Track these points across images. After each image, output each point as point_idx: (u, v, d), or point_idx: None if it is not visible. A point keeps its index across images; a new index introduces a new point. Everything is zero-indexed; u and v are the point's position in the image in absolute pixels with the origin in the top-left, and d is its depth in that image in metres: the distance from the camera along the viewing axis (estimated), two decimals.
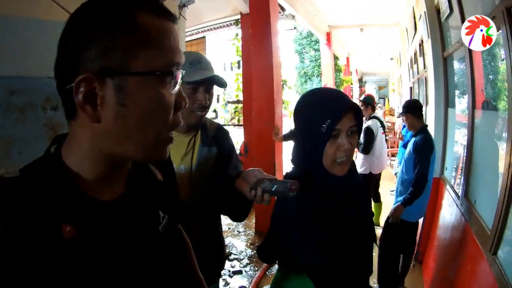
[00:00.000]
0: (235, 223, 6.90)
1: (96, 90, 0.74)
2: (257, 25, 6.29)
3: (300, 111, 1.64)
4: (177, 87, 0.82)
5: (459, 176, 3.76)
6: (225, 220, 6.84)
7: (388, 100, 24.02)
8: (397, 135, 6.94)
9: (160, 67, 0.77)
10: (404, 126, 6.86)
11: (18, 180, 0.77)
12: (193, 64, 1.86)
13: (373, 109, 6.37)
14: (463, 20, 3.55)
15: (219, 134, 2.11)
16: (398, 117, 7.94)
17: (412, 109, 4.17)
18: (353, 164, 1.71)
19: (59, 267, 0.70)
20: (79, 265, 0.73)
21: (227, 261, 5.34)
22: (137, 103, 0.76)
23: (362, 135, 5.80)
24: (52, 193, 0.75)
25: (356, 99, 16.82)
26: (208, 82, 1.89)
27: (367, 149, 5.87)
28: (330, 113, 1.48)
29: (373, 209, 2.27)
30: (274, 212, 1.71)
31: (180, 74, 0.82)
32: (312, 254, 1.49)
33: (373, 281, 4.14)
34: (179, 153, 1.94)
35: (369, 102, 6.30)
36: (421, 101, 7.60)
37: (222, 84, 1.96)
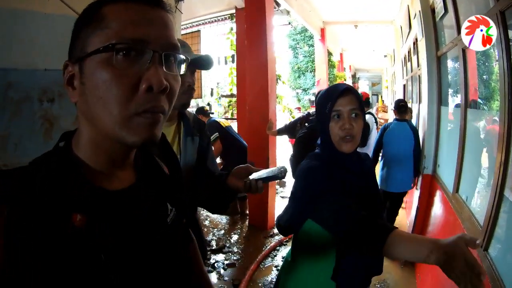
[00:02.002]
0: (229, 216, 6.99)
1: (74, 75, 0.85)
2: (252, 19, 6.27)
3: (317, 102, 1.94)
4: (140, 63, 0.81)
5: (452, 173, 3.81)
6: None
7: (381, 96, 24.04)
8: None
9: (105, 44, 0.79)
10: None
11: (27, 170, 0.82)
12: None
13: (368, 106, 6.70)
14: (457, 21, 3.60)
15: (197, 124, 2.14)
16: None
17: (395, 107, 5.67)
18: (366, 156, 2.08)
19: (68, 254, 0.75)
20: (88, 252, 0.78)
21: (221, 254, 5.41)
22: (90, 80, 0.81)
23: None
24: (61, 183, 0.80)
25: None
26: (193, 64, 1.89)
27: (363, 142, 5.96)
28: (329, 97, 1.81)
29: None
30: (300, 183, 1.85)
31: (147, 51, 0.81)
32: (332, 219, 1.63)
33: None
34: None
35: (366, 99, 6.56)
36: (414, 99, 7.70)
37: (210, 63, 1.98)
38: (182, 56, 0.90)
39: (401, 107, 5.52)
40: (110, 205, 0.86)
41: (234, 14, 8.10)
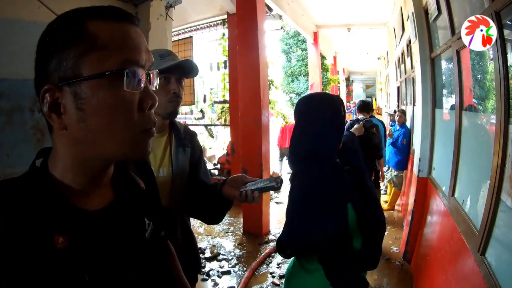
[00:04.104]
0: (222, 223, 6.93)
1: (59, 99, 0.80)
2: (243, 25, 6.27)
3: (327, 108, 2.04)
4: (141, 85, 0.84)
5: (447, 176, 3.78)
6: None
7: (376, 99, 24.09)
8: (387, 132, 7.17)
9: (109, 67, 0.79)
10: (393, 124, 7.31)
11: (8, 191, 0.79)
12: (163, 57, 1.88)
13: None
14: (451, 22, 3.58)
15: (188, 135, 2.12)
16: (391, 114, 8.28)
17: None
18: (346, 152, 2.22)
19: (53, 277, 0.74)
20: (72, 274, 0.77)
21: (216, 262, 5.37)
22: (92, 106, 0.79)
23: None
24: (42, 206, 0.78)
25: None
26: (179, 72, 1.90)
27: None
28: (339, 100, 2.10)
29: None
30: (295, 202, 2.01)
31: (142, 72, 0.84)
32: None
33: None
34: (157, 155, 1.94)
35: None
36: (408, 101, 7.74)
37: (193, 69, 1.95)
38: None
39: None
40: (91, 225, 0.85)
41: (226, 20, 8.09)
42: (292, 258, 2.15)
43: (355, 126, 5.36)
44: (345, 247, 1.91)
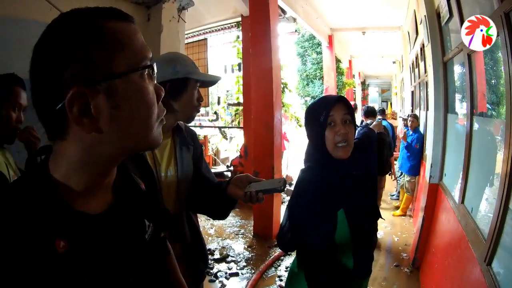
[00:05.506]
0: (232, 225, 6.94)
1: (89, 101, 0.77)
2: (256, 27, 6.28)
3: (307, 114, 2.03)
4: (154, 77, 0.90)
5: (458, 183, 3.71)
6: (222, 222, 6.88)
7: (391, 103, 23.92)
8: (401, 135, 7.19)
9: (138, 63, 0.84)
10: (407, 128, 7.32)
11: (9, 194, 0.79)
12: (196, 66, 1.99)
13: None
14: (462, 25, 3.52)
15: (190, 134, 2.16)
16: (405, 119, 8.19)
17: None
18: (358, 150, 2.08)
19: (52, 280, 0.74)
20: (71, 277, 0.77)
21: (224, 263, 5.37)
22: (127, 102, 0.81)
23: None
24: (43, 209, 0.77)
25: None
26: (205, 83, 2.06)
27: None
28: (324, 106, 1.91)
29: None
30: (292, 202, 1.99)
31: (155, 66, 0.90)
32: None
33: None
34: (164, 156, 1.95)
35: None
36: (422, 106, 7.69)
37: (215, 83, 2.16)
38: None
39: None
40: (92, 229, 0.85)
41: (240, 22, 8.10)
42: (294, 259, 2.14)
43: (374, 123, 5.37)
44: (329, 257, 1.90)
